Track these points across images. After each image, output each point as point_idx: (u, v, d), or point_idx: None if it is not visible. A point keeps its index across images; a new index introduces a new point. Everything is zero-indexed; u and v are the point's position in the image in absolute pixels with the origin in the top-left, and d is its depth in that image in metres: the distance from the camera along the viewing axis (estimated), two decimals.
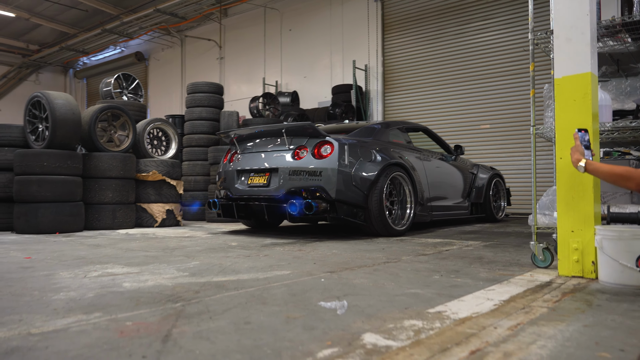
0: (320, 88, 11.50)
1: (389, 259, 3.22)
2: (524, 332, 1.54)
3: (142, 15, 13.44)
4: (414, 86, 10.14)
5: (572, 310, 1.82)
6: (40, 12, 14.41)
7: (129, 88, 7.44)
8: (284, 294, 2.12)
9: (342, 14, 11.21)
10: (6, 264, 3.12)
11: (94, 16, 14.82)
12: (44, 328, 1.62)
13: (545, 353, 1.33)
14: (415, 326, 1.61)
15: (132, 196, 6.15)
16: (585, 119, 2.47)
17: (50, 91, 5.67)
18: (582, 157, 2.22)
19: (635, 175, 2.03)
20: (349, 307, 1.88)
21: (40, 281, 2.48)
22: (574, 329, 1.57)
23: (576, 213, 2.48)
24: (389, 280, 2.45)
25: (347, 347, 1.40)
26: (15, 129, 5.88)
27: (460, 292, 2.14)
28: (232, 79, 13.66)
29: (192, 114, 8.02)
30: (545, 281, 2.40)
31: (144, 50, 16.25)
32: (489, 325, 1.62)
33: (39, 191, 5.27)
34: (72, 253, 3.64)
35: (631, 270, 2.19)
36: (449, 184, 6.04)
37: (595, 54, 2.55)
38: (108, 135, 6.23)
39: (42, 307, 1.91)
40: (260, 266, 2.94)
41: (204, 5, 12.96)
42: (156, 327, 1.62)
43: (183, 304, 1.95)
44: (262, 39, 12.87)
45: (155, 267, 2.91)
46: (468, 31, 9.48)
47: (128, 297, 2.09)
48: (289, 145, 4.81)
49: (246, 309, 1.87)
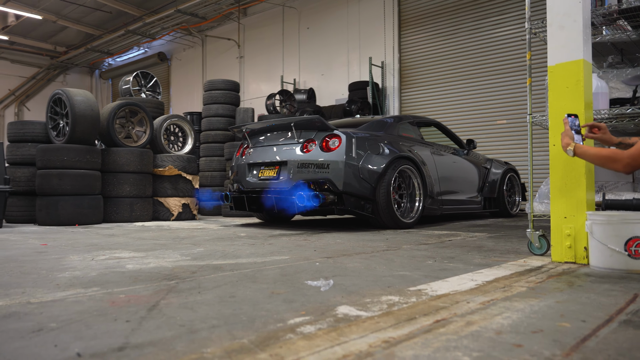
0: (337, 85, 11.56)
1: (389, 247, 3.27)
2: (495, 306, 1.59)
3: (164, 16, 13.71)
4: (430, 82, 10.11)
5: (551, 289, 1.85)
6: (67, 14, 14.83)
7: (147, 86, 7.64)
8: (276, 275, 2.21)
9: (359, 12, 11.25)
10: (23, 249, 3.29)
11: (118, 18, 15.17)
12: (43, 298, 1.74)
13: (507, 322, 1.38)
14: (391, 300, 1.67)
15: (149, 190, 6.33)
16: (578, 106, 2.48)
17: (71, 88, 5.87)
18: (572, 142, 2.24)
19: (620, 157, 2.05)
20: (334, 285, 1.95)
21: (50, 263, 2.62)
22: (545, 304, 1.60)
23: (569, 199, 2.50)
24: (382, 264, 2.51)
25: (318, 316, 1.47)
26: (38, 125, 6.11)
27: (447, 275, 2.19)
28: (251, 78, 13.83)
29: (208, 110, 8.19)
30: (536, 266, 2.43)
31: (166, 51, 16.57)
32: (462, 300, 1.67)
33: (59, 184, 5.48)
34: (85, 241, 3.80)
35: (619, 254, 2.20)
36: (460, 178, 6.04)
37: (589, 42, 2.56)
38: (126, 131, 6.42)
39: (46, 283, 2.03)
40: (261, 252, 3.03)
41: (223, 5, 13.16)
42: (146, 299, 1.72)
43: (177, 282, 2.05)
44: (280, 37, 13.00)
45: (161, 253, 3.03)
46: (484, 26, 9.42)
47: (128, 276, 2.21)
48: (298, 139, 4.90)
49: (235, 286, 1.96)
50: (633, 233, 2.19)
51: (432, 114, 9.96)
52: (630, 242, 2.19)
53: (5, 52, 17.36)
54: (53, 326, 1.38)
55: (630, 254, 2.18)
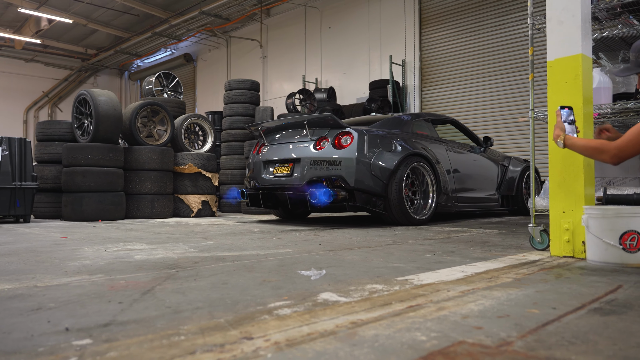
0: (358, 84, 11.60)
1: (394, 242, 3.32)
2: (474, 294, 1.63)
3: (189, 18, 13.98)
4: (452, 80, 10.05)
5: (536, 280, 1.87)
6: (96, 18, 15.27)
7: (170, 86, 7.84)
8: (273, 265, 2.29)
9: (380, 10, 11.26)
10: (44, 241, 3.46)
11: (145, 20, 15.55)
12: (50, 283, 1.86)
13: (478, 308, 1.42)
14: (374, 288, 1.73)
15: (170, 187, 6.51)
16: (576, 101, 2.48)
17: (95, 89, 6.09)
18: (562, 133, 2.25)
19: (608, 148, 2.06)
20: (326, 275, 2.02)
21: (64, 253, 2.77)
22: (523, 293, 1.64)
23: (568, 194, 2.50)
24: (380, 257, 2.56)
25: (299, 301, 1.54)
26: (64, 124, 6.36)
27: (440, 267, 2.23)
28: (274, 77, 13.98)
29: (229, 110, 8.34)
30: (532, 260, 2.44)
31: (192, 52, 16.89)
32: (443, 289, 1.72)
33: (83, 181, 5.70)
34: (104, 235, 3.96)
35: (614, 248, 2.20)
36: (477, 175, 6.01)
37: (589, 36, 2.55)
38: (148, 130, 6.62)
39: (56, 270, 2.16)
40: (267, 246, 3.12)
41: (246, 6, 13.35)
42: (143, 285, 1.82)
43: (177, 270, 2.15)
44: (302, 37, 13.11)
45: (171, 245, 3.15)
46: (507, 22, 9.30)
47: (134, 265, 2.32)
48: (311, 137, 4.97)
49: (231, 274, 2.04)
50: (628, 227, 2.18)
51: (452, 111, 9.90)
52: (625, 236, 2.18)
53: (39, 55, 17.98)
54: (51, 306, 1.49)
55: (625, 247, 2.18)
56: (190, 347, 1.09)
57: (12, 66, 17.88)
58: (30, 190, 5.45)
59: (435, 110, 10.24)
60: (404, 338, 1.14)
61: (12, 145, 5.39)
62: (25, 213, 5.46)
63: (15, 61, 17.90)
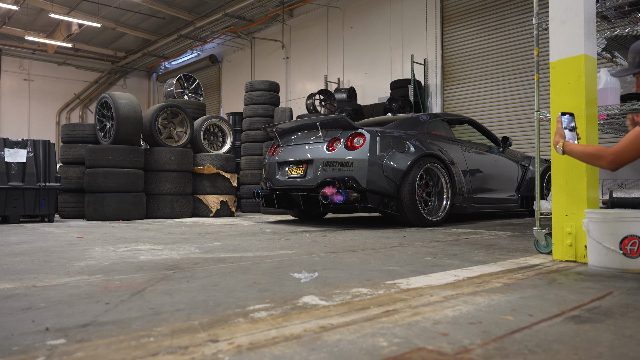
0: (380, 84, 11.55)
1: (400, 244, 3.31)
2: (455, 299, 1.62)
3: (213, 20, 14.18)
4: (474, 79, 9.91)
5: (526, 285, 1.85)
6: (124, 21, 15.65)
7: (190, 88, 7.98)
8: (269, 267, 2.32)
9: (402, 9, 11.18)
10: (59, 241, 3.59)
11: (171, 23, 15.84)
12: (49, 283, 1.93)
13: (453, 314, 1.42)
14: (358, 292, 1.74)
15: (189, 188, 6.63)
16: (579, 102, 2.43)
17: (116, 92, 6.26)
18: (561, 140, 2.22)
19: (604, 154, 2.01)
20: (317, 278, 2.04)
21: (74, 253, 2.86)
22: (506, 299, 1.62)
23: (570, 197, 2.46)
24: (379, 260, 2.57)
25: (279, 304, 1.57)
26: (87, 127, 6.55)
27: (435, 270, 2.22)
28: (297, 78, 14.06)
29: (249, 111, 8.44)
30: (532, 264, 2.41)
31: (217, 53, 17.12)
32: (427, 293, 1.72)
33: (104, 182, 5.86)
34: (118, 235, 4.07)
35: (614, 253, 2.15)
36: (494, 176, 5.92)
37: (593, 36, 2.49)
38: (168, 131, 6.75)
39: (59, 270, 2.25)
40: (272, 247, 3.15)
41: (269, 7, 13.46)
42: (136, 286, 1.88)
43: (175, 271, 2.21)
44: (325, 37, 13.14)
45: (178, 246, 3.22)
46: (529, 20, 9.11)
47: (135, 265, 2.39)
48: (324, 138, 5.00)
49: (225, 276, 2.08)
50: (629, 231, 2.13)
51: (474, 110, 9.76)
52: (625, 241, 2.13)
53: (71, 59, 18.53)
54: (41, 305, 1.55)
55: (625, 252, 2.13)
56: (155, 348, 1.13)
57: (45, 70, 18.49)
58: (54, 191, 5.64)
59: (456, 109, 10.12)
60: (365, 343, 1.15)
61: (36, 148, 5.58)
62: (49, 213, 5.66)
63: (49, 65, 18.51)
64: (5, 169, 5.38)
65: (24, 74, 18.07)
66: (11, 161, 5.42)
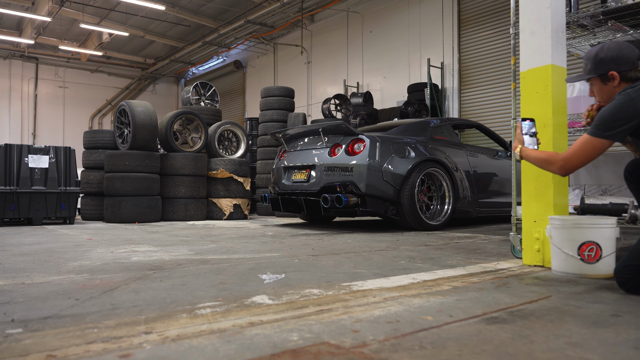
0: (399, 87, 11.60)
1: (388, 247, 3.41)
2: (395, 300, 1.73)
3: (236, 27, 14.52)
4: (491, 82, 9.86)
5: (473, 289, 1.94)
6: (152, 29, 16.17)
7: (206, 95, 8.24)
8: (244, 269, 2.47)
9: (419, 13, 11.22)
10: (69, 242, 3.83)
11: (197, 30, 16.27)
12: (36, 281, 2.13)
13: (379, 314, 1.54)
14: (309, 293, 1.87)
15: (204, 191, 6.86)
16: (546, 111, 2.50)
17: (133, 100, 6.55)
18: (519, 145, 2.29)
19: (555, 160, 2.08)
20: (281, 279, 2.17)
21: (75, 254, 3.08)
22: (442, 301, 1.72)
23: (539, 204, 2.52)
24: (353, 263, 2.68)
25: (229, 302, 1.71)
26: (107, 133, 6.87)
27: (398, 273, 2.32)
28: (318, 82, 14.23)
29: (264, 116, 8.64)
30: (499, 268, 2.48)
31: (241, 59, 17.48)
32: (372, 294, 1.83)
33: (121, 186, 6.15)
34: (126, 237, 4.30)
35: (573, 259, 2.21)
36: (500, 180, 5.92)
37: (561, 46, 2.55)
38: (183, 137, 7.01)
39: (52, 270, 2.45)
40: (262, 250, 3.31)
41: (290, 14, 13.69)
42: (112, 284, 2.06)
43: (155, 272, 2.38)
44: (345, 42, 13.27)
45: (174, 248, 3.41)
46: None
47: (123, 266, 2.58)
48: (327, 144, 5.13)
49: (197, 277, 2.24)
50: (586, 237, 2.19)
51: (491, 114, 9.71)
52: (583, 247, 2.19)
53: (103, 66, 19.23)
54: (19, 300, 1.74)
55: (583, 258, 2.19)
56: (94, 338, 1.29)
57: (79, 77, 19.24)
58: (75, 195, 5.95)
59: (473, 112, 10.08)
60: (277, 338, 1.28)
61: (58, 154, 5.91)
62: (69, 215, 5.97)
63: (82, 72, 19.25)
64: (29, 174, 5.72)
65: (59, 81, 18.85)
66: (34, 167, 5.76)
